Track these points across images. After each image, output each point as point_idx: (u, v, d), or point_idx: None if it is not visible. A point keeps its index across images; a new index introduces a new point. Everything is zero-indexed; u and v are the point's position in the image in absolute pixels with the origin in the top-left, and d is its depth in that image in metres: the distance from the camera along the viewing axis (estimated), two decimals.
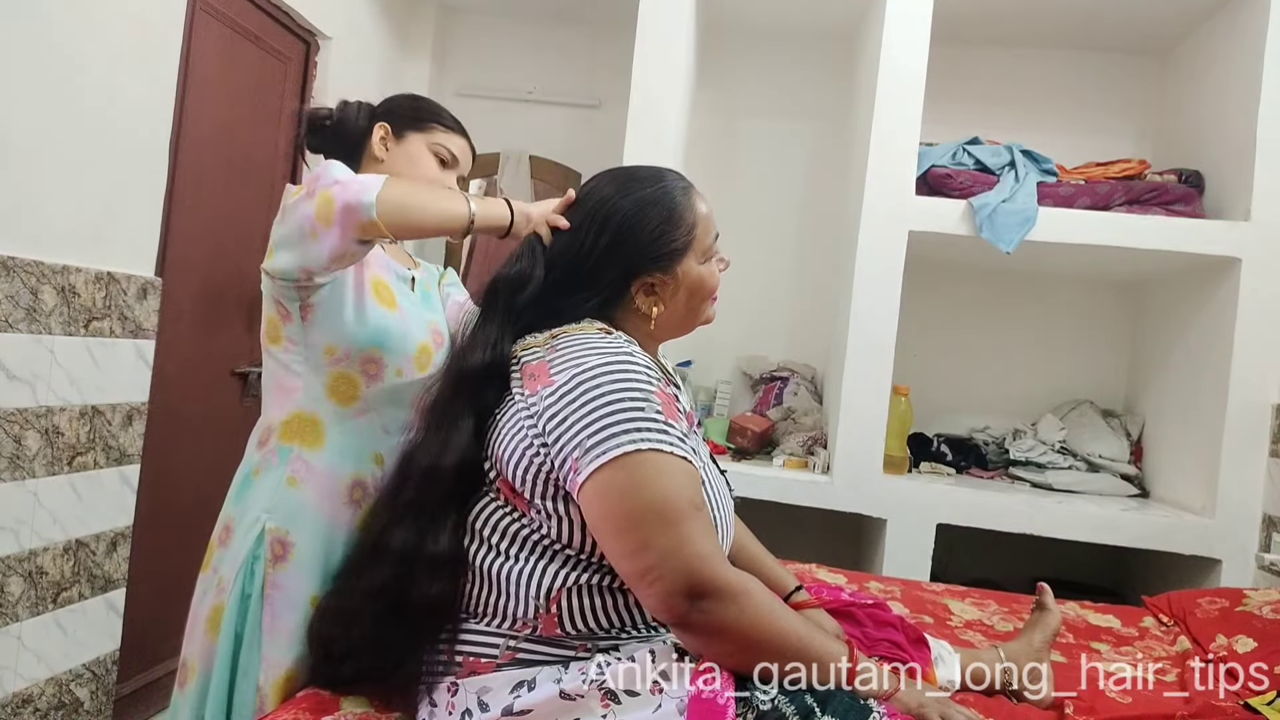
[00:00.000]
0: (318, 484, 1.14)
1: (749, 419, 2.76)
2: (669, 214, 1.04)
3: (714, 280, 1.08)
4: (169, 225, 2.07)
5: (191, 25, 2.08)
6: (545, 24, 3.26)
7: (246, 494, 1.15)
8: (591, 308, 1.03)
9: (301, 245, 1.07)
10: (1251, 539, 2.25)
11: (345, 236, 1.04)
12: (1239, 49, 2.44)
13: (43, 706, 1.78)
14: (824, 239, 2.96)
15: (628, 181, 1.06)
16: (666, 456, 0.88)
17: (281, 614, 1.10)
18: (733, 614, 0.85)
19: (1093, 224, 2.37)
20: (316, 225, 1.05)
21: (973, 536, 2.38)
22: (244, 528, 1.13)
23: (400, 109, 1.32)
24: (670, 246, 1.03)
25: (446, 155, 1.31)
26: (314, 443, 1.15)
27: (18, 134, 1.61)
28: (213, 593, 1.13)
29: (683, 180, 1.09)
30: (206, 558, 1.17)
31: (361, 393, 1.17)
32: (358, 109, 1.32)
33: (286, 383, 1.17)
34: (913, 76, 2.42)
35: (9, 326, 1.62)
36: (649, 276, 1.03)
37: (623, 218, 1.03)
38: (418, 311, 1.26)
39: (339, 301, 1.14)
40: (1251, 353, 2.28)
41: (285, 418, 1.16)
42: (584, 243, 1.04)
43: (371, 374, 1.17)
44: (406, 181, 1.15)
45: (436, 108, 1.35)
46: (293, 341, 1.16)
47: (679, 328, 1.10)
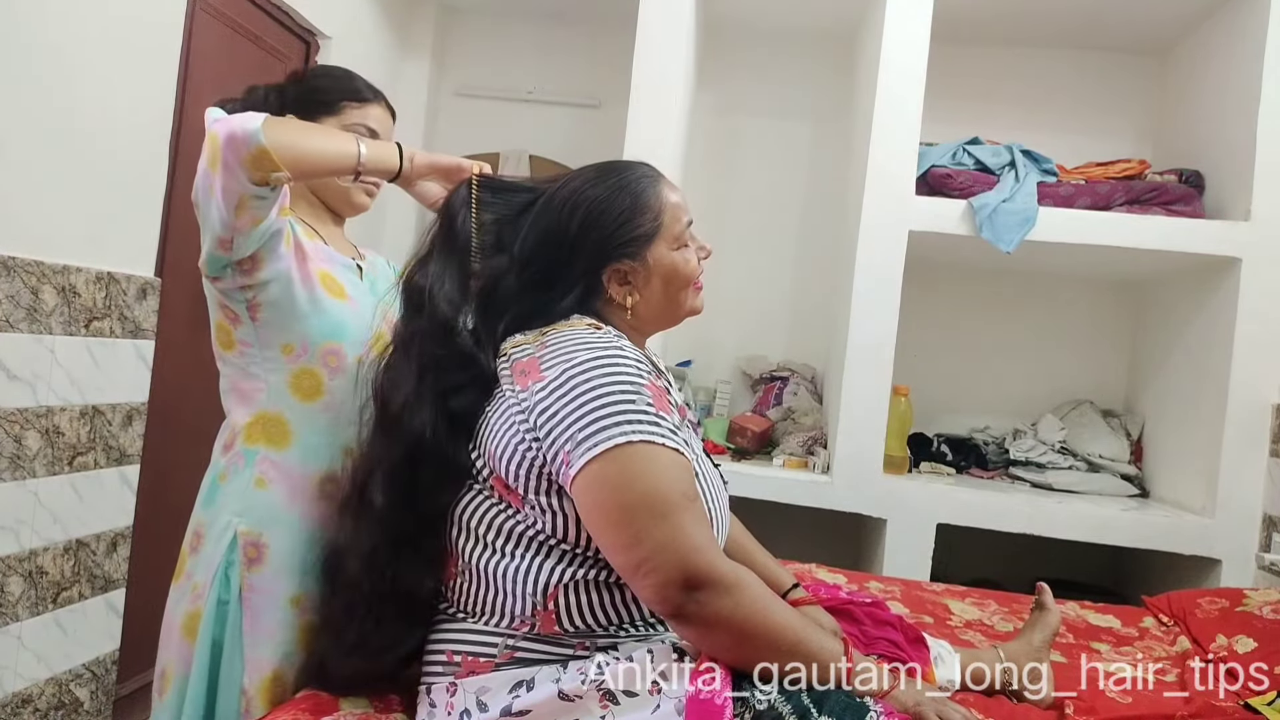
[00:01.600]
0: (287, 483, 1.12)
1: (749, 419, 2.76)
2: (634, 200, 1.04)
3: (688, 267, 1.07)
4: (169, 225, 2.07)
5: (191, 25, 2.08)
6: (545, 24, 3.26)
7: (215, 499, 1.13)
8: (570, 304, 1.03)
9: (205, 214, 1.02)
10: (1251, 539, 2.25)
11: (236, 174, 0.97)
12: (1239, 49, 2.44)
13: (43, 706, 1.78)
14: (824, 239, 2.96)
15: (595, 175, 1.07)
16: (658, 448, 0.88)
17: (261, 615, 1.09)
18: (728, 605, 0.85)
19: (1093, 224, 2.37)
20: (210, 177, 0.99)
21: (973, 536, 2.38)
22: (215, 533, 1.11)
23: (307, 95, 1.24)
24: (637, 232, 1.03)
25: (364, 132, 1.23)
26: (280, 442, 1.13)
27: (18, 134, 1.61)
28: (187, 599, 1.11)
29: (652, 170, 1.09)
30: (179, 566, 1.15)
31: (325, 386, 1.15)
32: (265, 97, 1.24)
33: (245, 386, 1.15)
34: (913, 76, 2.42)
35: (9, 326, 1.62)
36: (619, 264, 1.04)
37: (589, 207, 1.04)
38: (368, 300, 1.22)
39: (289, 298, 1.11)
40: (1251, 353, 2.28)
41: (249, 419, 1.14)
42: (556, 236, 1.04)
43: (333, 366, 1.15)
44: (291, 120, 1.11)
45: (343, 81, 1.27)
46: (246, 344, 1.13)
47: (662, 318, 1.09)
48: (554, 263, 1.04)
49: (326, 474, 1.15)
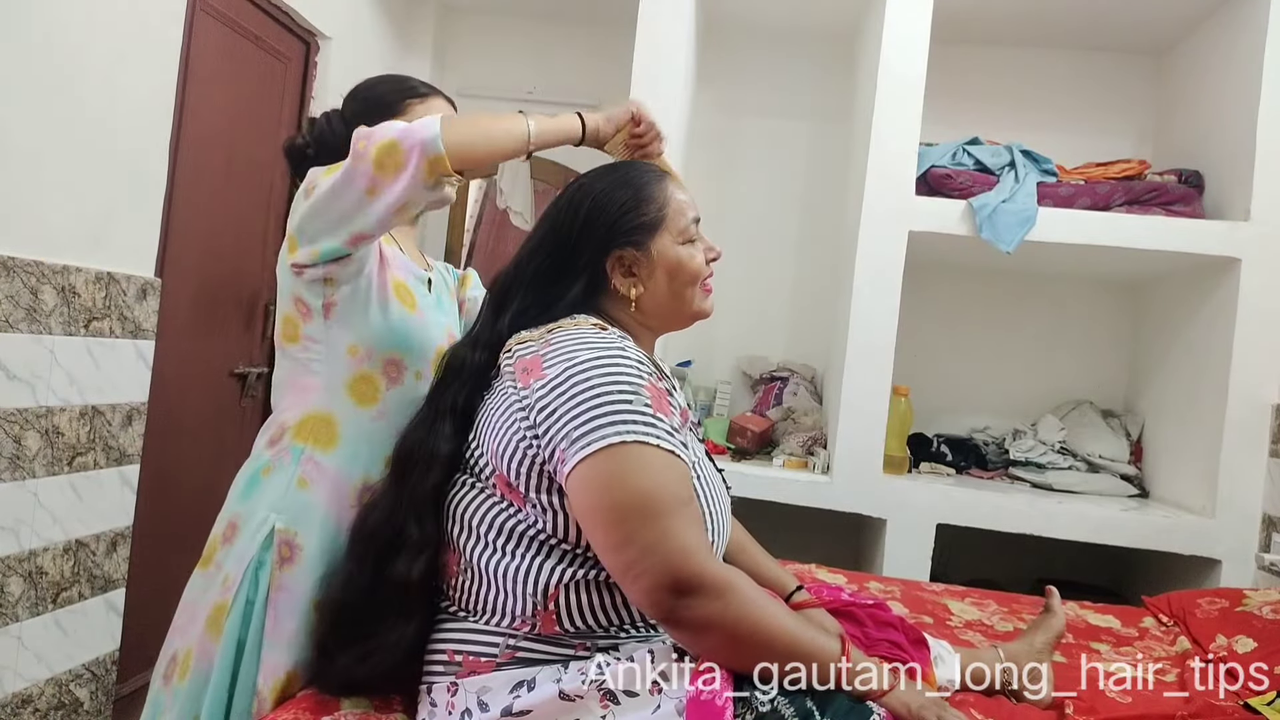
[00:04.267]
0: (328, 485, 1.12)
1: (749, 419, 2.76)
2: (637, 192, 1.06)
3: (694, 264, 1.07)
4: (169, 225, 2.07)
5: (191, 25, 2.08)
6: (545, 24, 3.26)
7: (254, 492, 1.13)
8: (576, 294, 1.04)
9: (352, 212, 1.04)
10: (1251, 539, 2.25)
11: (415, 179, 1.01)
12: (1239, 49, 2.44)
13: (43, 706, 1.78)
14: (824, 239, 2.96)
15: (602, 171, 1.11)
16: (653, 449, 0.88)
17: (284, 617, 1.08)
18: (718, 609, 0.84)
19: (1093, 224, 2.37)
20: (377, 180, 1.01)
21: (973, 536, 2.38)
22: (251, 527, 1.11)
23: (371, 104, 1.26)
24: (639, 220, 1.05)
25: None
26: (328, 443, 1.13)
27: (18, 134, 1.61)
28: (216, 589, 1.10)
29: (659, 170, 1.12)
30: (207, 553, 1.14)
31: (382, 394, 1.16)
32: (328, 122, 1.27)
33: (303, 381, 1.16)
34: (912, 76, 2.42)
35: (9, 326, 1.62)
36: (621, 251, 1.05)
37: (594, 198, 1.06)
38: (435, 315, 1.25)
39: (364, 300, 1.13)
40: (1251, 353, 2.28)
41: (300, 417, 1.14)
42: (561, 228, 1.07)
43: (393, 376, 1.17)
44: (458, 116, 1.14)
45: (399, 82, 1.29)
46: (313, 340, 1.14)
47: (668, 315, 1.09)
48: (559, 252, 1.06)
49: (364, 482, 1.15)
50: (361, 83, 1.32)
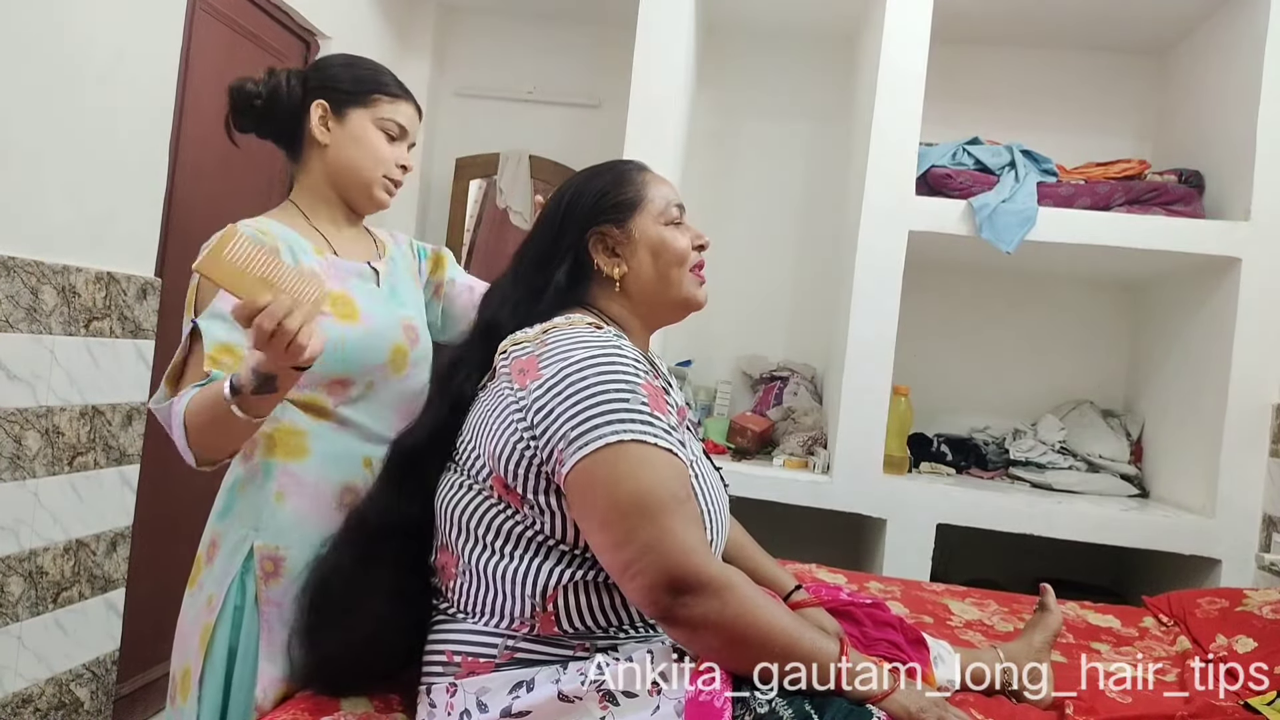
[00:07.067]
0: (307, 495, 1.11)
1: (749, 419, 2.76)
2: (616, 177, 1.10)
3: (678, 244, 1.07)
4: (169, 225, 2.07)
5: (191, 25, 2.08)
6: (545, 24, 3.26)
7: (231, 510, 1.12)
8: (561, 279, 1.05)
9: None
10: (1251, 539, 2.25)
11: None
12: (1239, 49, 2.44)
13: (43, 706, 1.78)
14: (824, 239, 2.96)
15: (587, 169, 1.14)
16: (650, 448, 0.88)
17: (276, 630, 1.08)
18: (715, 608, 0.84)
19: (1093, 224, 2.36)
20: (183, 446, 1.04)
21: (973, 536, 2.38)
22: (230, 546, 1.10)
23: (337, 81, 1.18)
24: (617, 199, 1.07)
25: (395, 129, 1.20)
26: (298, 454, 1.12)
27: (18, 134, 1.61)
28: (202, 612, 1.10)
29: (641, 164, 1.14)
30: (193, 574, 1.14)
31: (332, 412, 1.14)
32: (287, 81, 1.18)
33: None
34: (913, 77, 2.42)
35: (9, 326, 1.62)
36: (600, 227, 1.06)
37: (575, 187, 1.10)
38: (385, 312, 1.18)
39: None
40: (1251, 353, 2.28)
41: (268, 431, 1.11)
42: (546, 218, 1.10)
43: (338, 394, 1.13)
44: (195, 418, 1.01)
45: (376, 73, 1.22)
46: None
47: (657, 300, 1.08)
48: (543, 240, 1.09)
49: (346, 485, 1.14)
50: (337, 56, 1.24)
